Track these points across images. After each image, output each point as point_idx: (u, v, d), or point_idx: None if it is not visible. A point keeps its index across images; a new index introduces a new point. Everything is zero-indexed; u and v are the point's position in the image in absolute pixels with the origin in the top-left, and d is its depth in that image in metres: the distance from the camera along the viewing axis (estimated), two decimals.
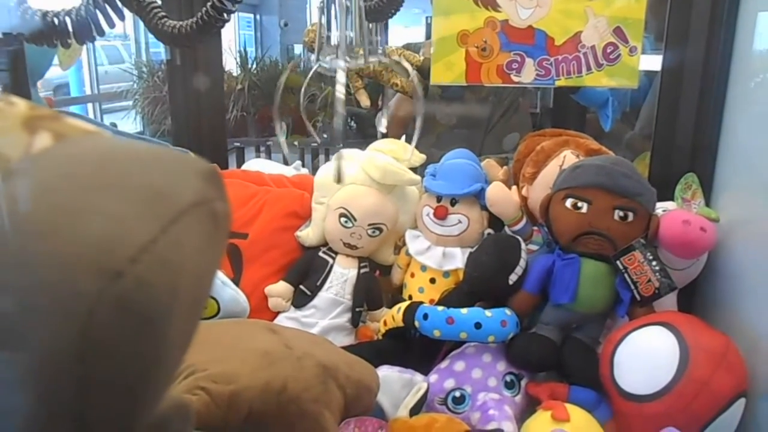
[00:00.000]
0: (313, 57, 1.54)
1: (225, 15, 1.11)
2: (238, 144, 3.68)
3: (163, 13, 1.15)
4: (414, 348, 1.08)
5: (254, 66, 6.48)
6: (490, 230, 1.20)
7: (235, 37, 8.59)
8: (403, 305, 1.04)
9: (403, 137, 2.05)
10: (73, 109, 5.37)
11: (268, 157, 3.95)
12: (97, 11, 0.96)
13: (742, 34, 1.08)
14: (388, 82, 2.16)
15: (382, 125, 1.17)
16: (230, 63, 6.32)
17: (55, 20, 1.05)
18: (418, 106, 1.10)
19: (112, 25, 0.99)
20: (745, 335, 0.98)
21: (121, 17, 0.98)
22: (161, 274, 0.32)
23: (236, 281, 1.12)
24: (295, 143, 4.00)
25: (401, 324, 1.03)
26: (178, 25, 1.12)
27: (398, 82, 2.15)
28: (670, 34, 1.14)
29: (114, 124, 4.80)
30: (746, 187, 1.06)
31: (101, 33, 0.98)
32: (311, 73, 0.99)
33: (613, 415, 0.97)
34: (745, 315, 1.01)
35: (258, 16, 10.32)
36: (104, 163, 0.37)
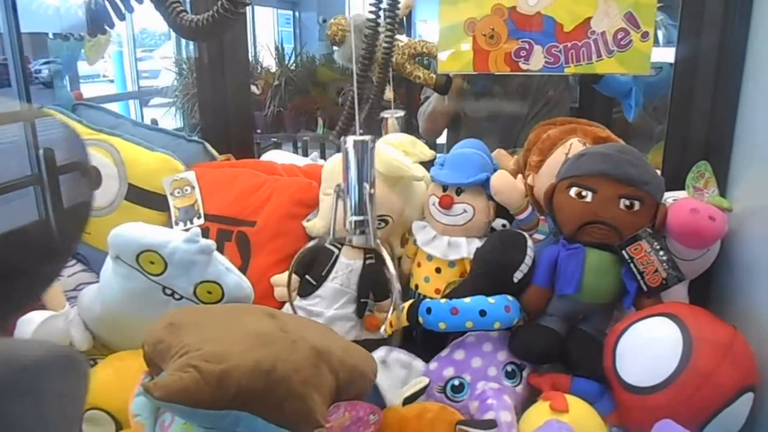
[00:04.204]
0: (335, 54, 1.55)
1: (240, 8, 1.14)
2: (275, 139, 3.72)
3: (182, 8, 1.18)
4: (420, 345, 1.07)
5: (291, 62, 6.54)
6: (505, 222, 1.19)
7: (273, 34, 8.70)
8: (407, 304, 1.04)
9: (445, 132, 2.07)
10: (114, 105, 5.55)
11: (305, 153, 4.00)
12: (107, 4, 0.99)
13: (758, 22, 1.04)
14: (411, 74, 2.16)
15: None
16: (268, 59, 6.40)
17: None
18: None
19: (122, 17, 1.02)
20: (757, 328, 0.95)
21: (130, 10, 1.01)
22: None
23: (244, 268, 1.15)
24: (331, 137, 4.02)
25: (406, 323, 1.03)
26: (196, 19, 1.16)
27: (420, 75, 2.15)
28: (684, 22, 1.11)
29: (154, 121, 4.94)
30: (763, 177, 1.03)
31: (111, 25, 1.01)
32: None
33: (616, 406, 0.96)
34: (758, 307, 0.98)
35: (297, 13, 10.42)
36: None
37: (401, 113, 1.56)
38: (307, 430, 0.75)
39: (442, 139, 2.10)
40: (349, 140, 0.89)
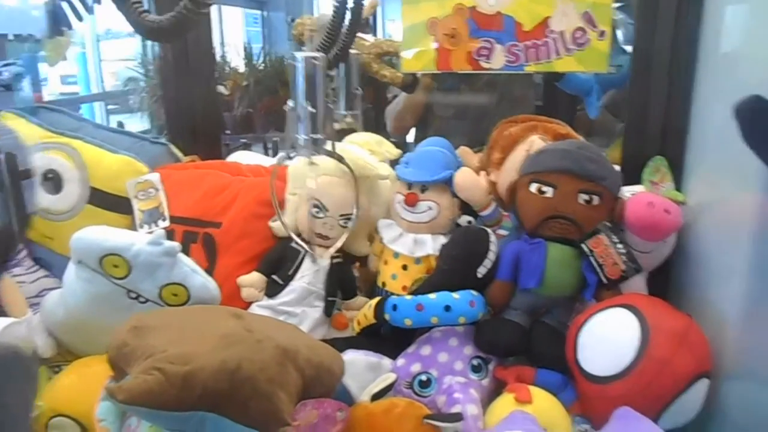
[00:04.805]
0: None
1: (203, 8, 1.13)
2: (245, 140, 3.68)
3: (144, 8, 1.17)
4: (387, 342, 1.08)
5: (260, 61, 6.48)
6: (471, 218, 1.21)
7: (242, 34, 8.61)
8: (373, 302, 1.05)
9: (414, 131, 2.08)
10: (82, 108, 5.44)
11: (276, 154, 3.96)
12: (65, 5, 0.98)
13: (709, 21, 1.08)
14: (377, 73, 2.17)
15: None
16: (237, 59, 6.33)
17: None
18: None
19: (80, 18, 1.01)
20: (711, 317, 0.98)
21: (90, 11, 1.00)
22: None
23: (210, 270, 1.14)
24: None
25: (373, 321, 1.04)
26: (159, 20, 1.15)
27: (387, 74, 2.16)
28: (639, 22, 1.14)
29: (120, 124, 4.85)
30: (715, 170, 1.06)
31: (69, 27, 1.00)
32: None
33: (578, 396, 0.98)
34: (712, 297, 1.01)
35: (265, 13, 10.33)
36: None
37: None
38: (274, 428, 0.76)
39: (412, 138, 2.12)
40: (299, 57, 0.92)
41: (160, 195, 1.22)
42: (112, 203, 1.22)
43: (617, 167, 1.12)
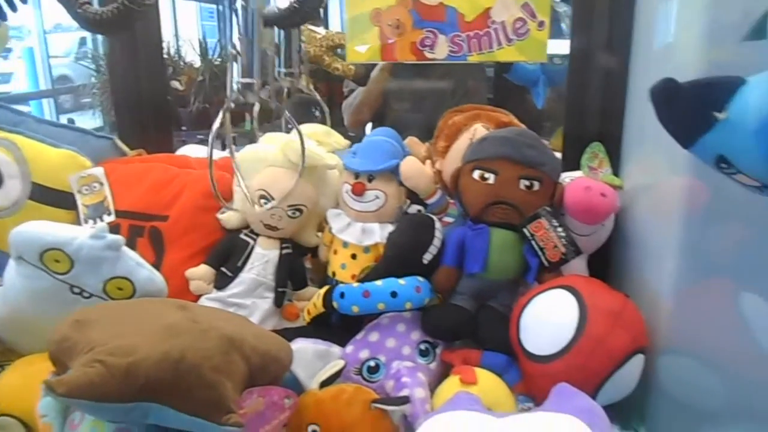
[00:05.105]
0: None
1: (146, 0, 1.12)
2: (201, 137, 3.63)
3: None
4: (338, 331, 1.09)
5: (216, 56, 6.38)
6: (420, 208, 1.22)
7: (197, 28, 8.44)
8: (322, 291, 1.06)
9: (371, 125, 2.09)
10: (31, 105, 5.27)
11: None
12: None
13: (643, 9, 1.12)
14: (329, 66, 2.18)
15: None
16: (192, 54, 6.22)
17: None
18: None
19: (14, 9, 0.99)
20: (647, 295, 1.02)
21: (24, 1, 0.98)
22: None
23: (158, 264, 1.14)
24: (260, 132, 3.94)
25: (323, 309, 1.05)
26: (101, 11, 1.13)
27: (339, 67, 2.16)
28: (576, 14, 1.18)
29: (71, 120, 4.72)
30: (649, 156, 1.10)
31: (4, 18, 0.98)
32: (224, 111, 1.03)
33: (522, 376, 1.01)
34: (647, 276, 1.05)
35: (221, 7, 10.17)
36: None
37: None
38: (219, 416, 0.76)
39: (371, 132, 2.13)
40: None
41: (105, 189, 1.20)
42: (54, 199, 1.20)
43: (558, 154, 1.15)
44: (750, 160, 0.53)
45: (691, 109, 0.56)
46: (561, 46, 1.40)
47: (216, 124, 1.01)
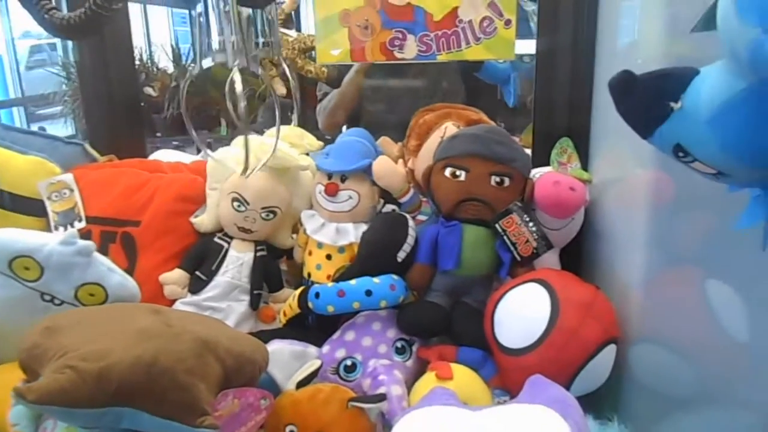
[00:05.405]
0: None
1: (114, 5, 1.11)
2: (176, 143, 3.60)
3: (52, 5, 1.13)
4: (314, 332, 1.10)
5: (189, 62, 6.33)
6: (394, 207, 1.23)
7: (169, 34, 8.37)
8: (297, 292, 1.06)
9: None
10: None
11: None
12: None
13: (604, 12, 1.14)
14: (302, 69, 2.17)
15: None
16: (165, 60, 6.16)
17: None
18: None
19: None
20: (617, 286, 1.04)
21: None
22: None
23: (131, 269, 1.13)
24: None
25: (298, 310, 1.05)
26: (68, 17, 1.11)
27: (312, 69, 2.16)
28: (542, 12, 1.20)
29: (42, 128, 4.64)
30: (616, 150, 1.12)
31: None
32: (187, 80, 1.01)
33: (497, 370, 1.02)
34: (617, 268, 1.07)
35: (194, 12, 10.10)
36: None
37: None
38: (193, 419, 0.76)
39: None
40: None
41: (75, 195, 1.18)
42: (23, 206, 1.18)
43: (528, 150, 1.17)
44: (705, 148, 0.54)
45: (647, 100, 0.57)
46: (531, 46, 1.42)
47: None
